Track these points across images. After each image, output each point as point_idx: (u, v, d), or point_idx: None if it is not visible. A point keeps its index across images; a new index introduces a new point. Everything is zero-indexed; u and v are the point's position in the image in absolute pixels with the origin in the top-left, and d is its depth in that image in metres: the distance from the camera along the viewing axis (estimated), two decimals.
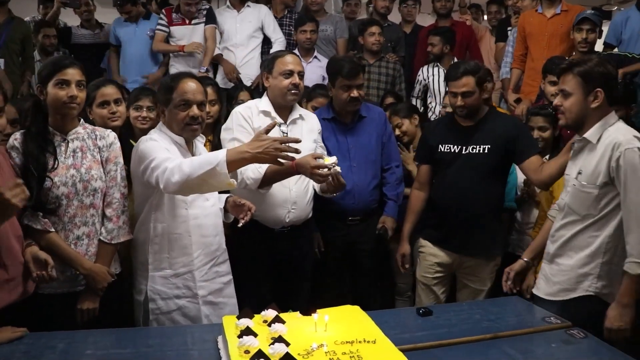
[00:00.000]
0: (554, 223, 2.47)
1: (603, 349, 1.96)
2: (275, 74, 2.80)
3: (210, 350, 1.90)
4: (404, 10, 5.54)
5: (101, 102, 2.75)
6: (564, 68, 2.36)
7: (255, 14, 4.83)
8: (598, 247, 2.28)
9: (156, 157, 2.23)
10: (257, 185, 2.67)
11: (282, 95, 2.81)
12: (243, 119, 2.79)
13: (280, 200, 2.82)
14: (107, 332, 2.07)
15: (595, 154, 2.27)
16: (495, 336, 2.03)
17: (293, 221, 2.88)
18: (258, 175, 2.64)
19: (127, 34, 4.92)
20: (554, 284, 2.39)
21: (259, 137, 2.11)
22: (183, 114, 2.36)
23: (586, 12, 3.98)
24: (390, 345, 1.78)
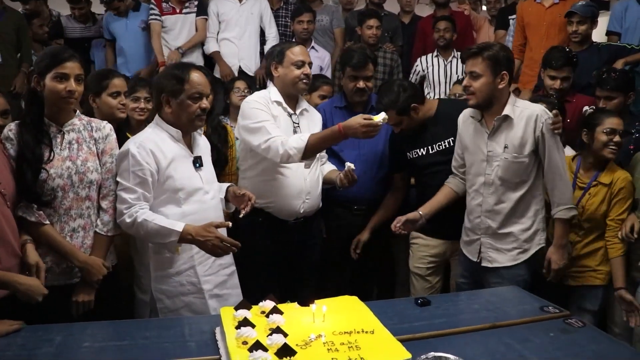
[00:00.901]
0: (485, 199, 2.68)
1: (601, 337, 1.96)
2: (287, 64, 2.82)
3: (208, 341, 1.90)
4: (402, 1, 5.52)
5: (114, 92, 2.77)
6: (474, 52, 2.59)
7: (256, 6, 4.82)
8: (537, 206, 2.66)
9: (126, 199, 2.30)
10: (300, 155, 2.63)
11: (293, 84, 2.83)
12: (260, 104, 2.78)
13: (295, 191, 2.83)
14: (105, 324, 2.06)
15: (517, 128, 2.59)
16: (493, 326, 2.03)
17: (306, 212, 2.89)
18: (301, 144, 2.61)
19: (119, 28, 4.85)
20: (509, 250, 2.68)
21: (208, 229, 2.26)
22: (195, 106, 2.36)
23: (575, 6, 3.98)
24: (388, 335, 1.78)
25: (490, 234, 2.70)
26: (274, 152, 2.64)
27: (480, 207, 2.71)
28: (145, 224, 2.25)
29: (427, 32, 4.98)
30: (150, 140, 2.34)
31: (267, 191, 2.81)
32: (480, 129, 2.69)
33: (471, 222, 2.77)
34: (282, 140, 2.64)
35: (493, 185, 2.65)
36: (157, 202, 2.35)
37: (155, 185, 2.33)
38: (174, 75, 2.36)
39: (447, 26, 4.73)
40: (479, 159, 2.69)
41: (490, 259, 2.71)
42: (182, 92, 2.34)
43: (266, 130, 2.68)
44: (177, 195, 2.37)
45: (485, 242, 2.73)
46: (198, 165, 2.44)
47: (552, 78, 3.48)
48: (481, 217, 2.72)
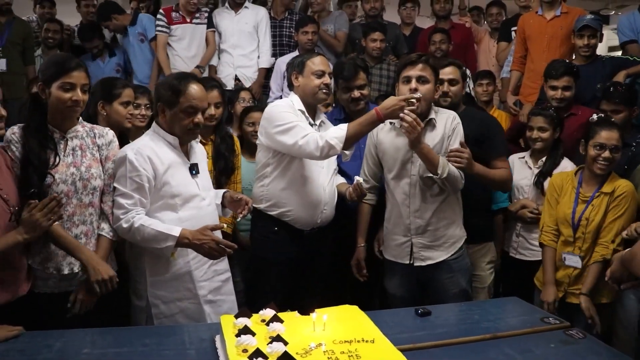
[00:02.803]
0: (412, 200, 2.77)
1: (602, 349, 1.95)
2: (307, 73, 2.81)
3: (208, 349, 1.89)
4: (403, 13, 5.55)
5: (126, 101, 2.79)
6: (425, 59, 2.74)
7: (252, 16, 4.84)
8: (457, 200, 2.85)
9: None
10: (342, 144, 2.59)
11: (313, 94, 2.81)
12: (290, 108, 2.78)
13: (315, 201, 2.82)
14: (104, 331, 2.06)
15: (437, 131, 2.76)
16: (494, 336, 2.02)
17: (323, 222, 2.89)
18: (342, 133, 2.58)
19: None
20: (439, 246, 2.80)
21: (204, 232, 2.29)
22: (188, 120, 2.37)
23: (586, 19, 3.98)
24: (388, 345, 1.77)
25: (420, 233, 2.79)
26: (314, 146, 2.59)
27: (408, 209, 2.79)
28: (142, 229, 2.26)
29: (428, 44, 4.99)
30: (148, 147, 2.35)
31: (287, 200, 2.79)
32: (400, 134, 2.74)
33: (399, 226, 2.84)
34: (320, 134, 2.63)
35: (418, 185, 2.76)
36: (153, 208, 2.36)
37: (152, 191, 2.34)
38: (171, 85, 2.38)
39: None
40: (402, 163, 2.78)
41: (423, 258, 2.81)
42: (177, 104, 2.35)
43: (301, 127, 2.66)
44: (174, 201, 2.38)
45: (417, 242, 2.81)
46: (194, 172, 2.46)
47: (553, 88, 3.48)
48: (411, 218, 2.80)
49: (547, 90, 3.55)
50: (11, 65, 4.67)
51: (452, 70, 3.02)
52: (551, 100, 3.49)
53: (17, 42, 4.71)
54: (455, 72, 3.02)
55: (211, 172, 3.02)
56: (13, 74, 4.65)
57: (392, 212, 2.88)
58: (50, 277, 2.26)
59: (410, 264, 2.84)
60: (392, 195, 2.86)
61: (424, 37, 5.12)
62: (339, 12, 5.29)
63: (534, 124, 3.22)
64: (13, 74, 4.65)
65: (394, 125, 2.81)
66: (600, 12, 8.41)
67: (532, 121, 3.24)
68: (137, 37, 4.86)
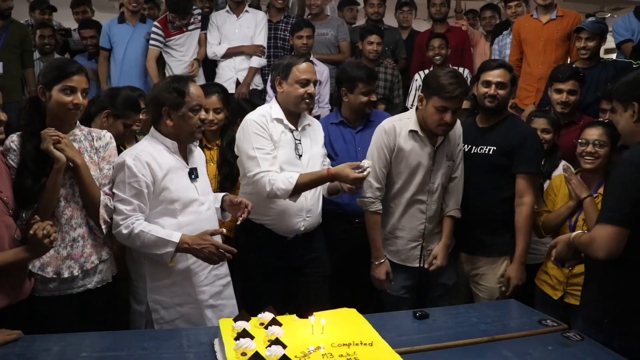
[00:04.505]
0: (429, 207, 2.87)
1: (599, 351, 1.96)
2: (291, 81, 2.75)
3: (207, 352, 1.90)
4: (400, 17, 5.57)
5: (129, 124, 2.80)
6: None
7: (253, 20, 4.86)
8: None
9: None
10: (287, 195, 2.63)
11: (295, 103, 2.77)
12: (259, 126, 2.73)
13: (296, 209, 2.79)
14: (103, 334, 2.06)
15: (452, 140, 2.87)
16: (492, 339, 2.03)
17: (307, 229, 2.87)
18: (289, 186, 2.60)
19: (124, 34, 4.84)
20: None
21: (203, 237, 2.31)
22: (196, 118, 2.38)
23: (585, 22, 3.99)
24: (387, 348, 1.78)
25: (431, 237, 2.90)
26: (262, 187, 2.63)
27: (424, 215, 2.87)
28: (142, 235, 2.27)
29: (425, 47, 5.01)
30: (146, 152, 2.35)
31: (266, 209, 2.77)
32: (423, 142, 2.79)
33: (411, 232, 2.89)
34: (270, 178, 2.62)
35: (437, 193, 2.86)
36: (153, 213, 2.36)
37: (151, 196, 2.34)
38: (174, 88, 2.37)
39: (441, 43, 4.75)
40: (423, 171, 2.82)
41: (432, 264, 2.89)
42: (184, 104, 2.36)
43: (257, 163, 2.65)
44: (173, 206, 2.38)
45: (427, 246, 2.90)
46: (193, 177, 2.46)
47: (559, 91, 3.47)
48: (425, 224, 2.88)
49: (552, 93, 3.54)
50: (8, 68, 4.66)
51: (502, 73, 2.91)
52: (555, 105, 3.50)
53: (14, 45, 4.70)
54: (505, 76, 2.91)
55: (216, 177, 3.03)
56: (11, 77, 4.65)
57: (403, 218, 2.89)
58: (50, 281, 2.26)
59: (420, 267, 2.90)
60: (405, 201, 2.86)
61: (421, 40, 5.14)
62: (340, 21, 5.30)
63: (537, 126, 3.20)
64: (11, 77, 4.64)
65: (416, 133, 2.80)
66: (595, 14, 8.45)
67: (534, 123, 3.22)
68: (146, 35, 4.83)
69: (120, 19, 4.90)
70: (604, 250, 1.98)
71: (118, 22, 4.90)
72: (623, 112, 2.11)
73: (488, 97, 2.90)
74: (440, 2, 5.31)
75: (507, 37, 4.94)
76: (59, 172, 2.19)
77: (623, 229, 1.96)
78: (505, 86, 2.90)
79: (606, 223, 1.99)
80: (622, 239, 1.97)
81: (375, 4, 5.25)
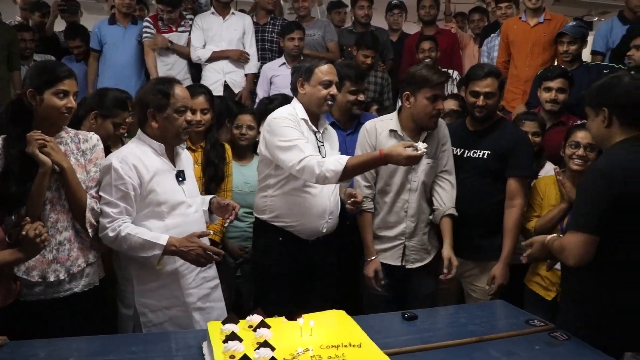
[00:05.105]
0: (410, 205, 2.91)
1: (586, 350, 1.97)
2: (314, 82, 2.76)
3: (195, 355, 1.89)
4: (390, 19, 5.58)
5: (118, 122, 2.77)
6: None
7: (240, 23, 4.86)
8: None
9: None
10: (337, 178, 2.56)
11: (318, 104, 2.78)
12: (291, 121, 2.72)
13: (320, 210, 2.80)
14: (90, 339, 2.04)
15: (435, 137, 2.90)
16: (480, 339, 2.04)
17: (328, 230, 2.87)
18: (339, 167, 2.52)
19: (115, 35, 4.81)
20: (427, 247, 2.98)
21: (191, 239, 2.30)
22: (181, 119, 2.38)
23: (567, 26, 4.06)
24: (375, 349, 1.78)
25: (413, 237, 2.93)
26: (309, 172, 2.56)
27: (405, 213, 2.91)
28: (129, 238, 2.26)
29: (415, 50, 5.03)
30: (133, 155, 2.35)
31: (292, 211, 2.77)
32: (403, 140, 2.79)
33: (393, 230, 2.93)
34: (319, 160, 2.57)
35: (417, 191, 2.90)
36: (140, 216, 2.35)
37: (138, 199, 2.33)
38: (159, 90, 2.38)
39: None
40: (403, 170, 2.86)
41: (414, 260, 2.95)
42: (168, 106, 2.35)
43: (299, 149, 2.61)
44: (160, 208, 2.37)
45: (409, 246, 2.94)
46: (181, 179, 2.45)
47: (548, 90, 3.50)
48: (406, 222, 2.91)
49: (541, 93, 3.57)
50: None
51: (490, 82, 2.90)
52: (544, 103, 3.52)
53: (1, 47, 4.63)
54: (493, 84, 2.90)
55: (200, 179, 3.02)
56: None
57: (387, 217, 2.93)
58: (36, 284, 2.24)
59: (402, 266, 2.93)
60: (389, 200, 2.90)
61: (411, 43, 5.15)
62: (327, 22, 5.32)
63: (527, 129, 3.20)
64: None
65: (396, 132, 2.85)
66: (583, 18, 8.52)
67: (525, 126, 3.22)
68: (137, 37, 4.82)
69: (111, 20, 4.87)
70: (574, 258, 2.01)
71: (109, 23, 4.86)
72: (594, 118, 2.15)
73: (477, 107, 2.92)
74: (430, 5, 5.32)
75: (496, 39, 4.97)
76: (44, 176, 2.18)
77: (592, 236, 1.98)
78: (493, 95, 2.92)
79: (576, 231, 2.02)
80: (592, 247, 1.99)
81: (364, 7, 5.26)
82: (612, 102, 2.09)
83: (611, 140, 2.11)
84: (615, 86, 2.10)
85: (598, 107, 2.12)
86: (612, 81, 2.13)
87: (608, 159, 2.07)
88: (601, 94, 2.13)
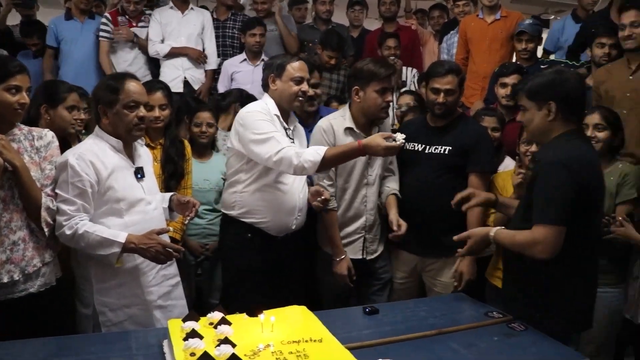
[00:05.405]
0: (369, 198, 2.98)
1: (542, 339, 2.03)
2: (286, 78, 2.76)
3: (156, 354, 1.87)
4: (351, 15, 5.60)
5: (71, 105, 2.71)
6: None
7: (199, 18, 4.80)
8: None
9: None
10: (315, 169, 2.56)
11: (289, 100, 2.77)
12: (264, 115, 2.71)
13: (290, 207, 2.81)
14: (46, 340, 1.99)
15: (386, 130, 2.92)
16: (440, 332, 2.07)
17: (297, 227, 2.88)
18: (317, 158, 2.52)
19: (72, 31, 4.69)
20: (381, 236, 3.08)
21: (150, 236, 2.27)
22: (132, 115, 2.33)
23: (524, 24, 4.15)
24: (336, 344, 1.79)
25: (371, 229, 3.02)
26: (287, 163, 2.56)
27: (365, 207, 2.98)
28: (87, 236, 2.21)
29: (375, 46, 5.05)
30: (90, 151, 2.30)
31: (262, 208, 2.77)
32: (359, 138, 2.80)
33: (354, 224, 2.99)
34: (297, 150, 2.58)
35: (375, 184, 2.99)
36: (98, 213, 2.31)
37: (96, 196, 2.29)
38: (108, 85, 2.34)
39: (397, 44, 4.80)
40: (361, 165, 2.92)
41: (372, 251, 3.05)
42: (117, 101, 2.32)
43: (276, 140, 2.61)
44: (119, 206, 2.33)
45: (368, 238, 3.02)
46: (140, 176, 2.42)
47: (504, 86, 3.59)
48: (366, 216, 2.99)
49: (498, 89, 3.65)
50: None
51: (450, 79, 2.90)
52: (501, 99, 3.60)
53: None
54: (453, 81, 2.91)
55: (160, 177, 2.98)
56: None
57: (347, 212, 2.97)
58: None
59: (362, 258, 3.00)
60: (348, 196, 2.94)
61: (372, 39, 5.19)
62: (288, 17, 5.30)
63: (487, 124, 3.23)
64: None
65: (352, 129, 2.88)
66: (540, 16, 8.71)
67: (485, 122, 3.26)
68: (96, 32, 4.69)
69: (68, 16, 4.75)
70: (550, 251, 2.05)
71: (65, 19, 4.74)
72: (537, 111, 2.20)
73: (437, 104, 2.93)
74: (390, 1, 5.36)
75: (455, 36, 5.03)
76: None
77: (562, 227, 2.05)
78: (454, 92, 2.93)
79: (547, 224, 2.05)
80: (562, 238, 2.05)
81: (325, 3, 5.26)
82: (562, 97, 2.15)
83: (551, 133, 2.19)
84: (565, 81, 2.17)
85: (544, 101, 2.17)
86: (561, 76, 2.19)
87: (562, 151, 2.11)
88: (550, 89, 2.17)
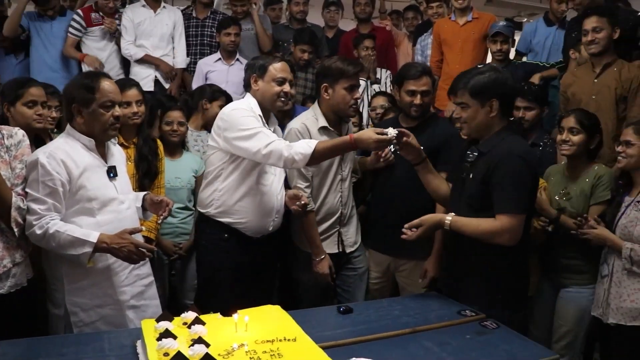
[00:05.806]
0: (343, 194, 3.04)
1: (513, 337, 2.07)
2: (268, 79, 2.76)
3: (129, 355, 1.85)
4: (326, 16, 5.61)
5: (30, 101, 2.66)
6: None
7: (171, 17, 4.77)
8: None
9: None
10: (305, 162, 2.54)
11: (272, 101, 2.77)
12: (249, 112, 2.70)
13: (268, 209, 2.80)
14: (16, 342, 1.95)
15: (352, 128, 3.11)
16: (413, 330, 2.09)
17: (274, 229, 2.88)
18: (307, 151, 2.50)
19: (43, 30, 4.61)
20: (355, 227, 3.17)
21: (122, 236, 2.25)
22: (108, 115, 2.31)
23: (499, 25, 4.22)
24: (310, 343, 1.80)
25: (346, 222, 3.09)
26: (277, 155, 2.54)
27: (340, 201, 3.03)
28: (58, 235, 2.18)
29: (350, 47, 5.07)
30: (61, 150, 2.27)
31: (241, 209, 2.76)
32: (333, 136, 2.87)
33: (330, 219, 3.03)
34: (287, 143, 2.57)
35: (347, 179, 3.07)
36: (70, 212, 2.28)
37: (67, 195, 2.25)
38: (83, 84, 2.31)
39: (374, 44, 4.82)
40: (336, 162, 2.97)
41: (350, 244, 3.10)
42: (94, 101, 2.29)
43: (264, 134, 2.60)
44: (91, 205, 2.31)
45: (344, 231, 3.09)
46: (112, 175, 2.40)
47: None
48: (341, 210, 3.04)
49: None
50: None
51: (426, 81, 2.95)
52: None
53: None
54: (429, 83, 2.97)
55: (134, 176, 2.95)
56: None
57: (323, 207, 2.99)
58: None
59: (340, 252, 3.05)
60: (323, 193, 2.97)
61: (347, 39, 5.20)
62: (264, 16, 5.29)
63: None
64: None
65: (327, 128, 2.90)
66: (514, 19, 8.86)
67: None
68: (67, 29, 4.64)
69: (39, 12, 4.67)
70: (515, 238, 2.24)
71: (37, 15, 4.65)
72: (480, 108, 2.32)
73: (414, 106, 2.95)
74: (365, 2, 5.38)
75: (429, 38, 5.09)
76: None
77: (524, 215, 2.26)
78: (429, 93, 3.01)
79: (511, 213, 2.22)
80: (522, 226, 2.24)
81: (300, 3, 5.26)
82: (505, 94, 2.31)
83: (491, 129, 2.34)
84: (506, 79, 2.32)
85: (487, 99, 2.30)
86: (502, 75, 2.34)
87: (516, 145, 2.29)
88: (492, 87, 2.30)
